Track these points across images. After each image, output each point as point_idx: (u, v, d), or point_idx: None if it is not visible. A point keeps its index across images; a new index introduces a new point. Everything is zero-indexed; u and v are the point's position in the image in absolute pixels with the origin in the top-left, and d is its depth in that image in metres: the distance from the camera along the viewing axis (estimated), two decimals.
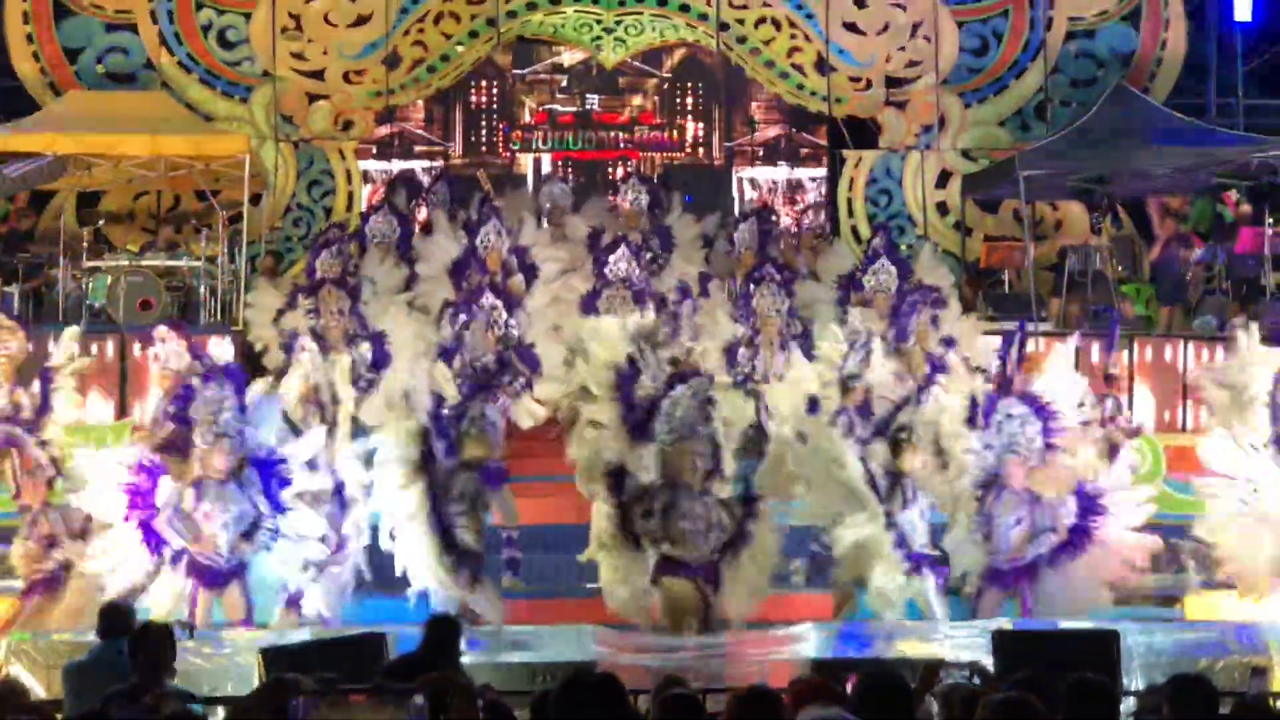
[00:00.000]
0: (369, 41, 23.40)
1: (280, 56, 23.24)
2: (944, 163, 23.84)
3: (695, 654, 12.44)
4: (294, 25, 23.35)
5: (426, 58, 23.58)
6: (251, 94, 23.31)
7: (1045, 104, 23.88)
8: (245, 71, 23.37)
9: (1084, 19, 24.10)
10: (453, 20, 23.60)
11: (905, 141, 23.85)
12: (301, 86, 23.37)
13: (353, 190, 23.51)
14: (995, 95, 24.00)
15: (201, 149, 21.06)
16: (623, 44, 24.14)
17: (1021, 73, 24.00)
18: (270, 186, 22.81)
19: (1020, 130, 23.86)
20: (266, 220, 22.75)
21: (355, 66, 23.42)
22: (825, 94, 23.79)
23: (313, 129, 23.38)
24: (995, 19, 24.06)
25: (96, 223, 21.96)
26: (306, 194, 23.37)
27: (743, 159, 26.57)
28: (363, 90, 23.49)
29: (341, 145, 23.52)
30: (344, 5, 23.40)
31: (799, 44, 23.81)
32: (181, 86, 23.08)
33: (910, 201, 23.77)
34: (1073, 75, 24.09)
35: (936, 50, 23.76)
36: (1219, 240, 22.35)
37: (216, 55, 23.32)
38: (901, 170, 23.87)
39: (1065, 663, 10.04)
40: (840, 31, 23.73)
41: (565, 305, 18.63)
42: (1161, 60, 24.08)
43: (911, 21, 23.86)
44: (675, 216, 20.51)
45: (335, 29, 23.38)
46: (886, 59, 23.84)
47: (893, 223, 23.13)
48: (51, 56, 23.14)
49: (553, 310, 18.62)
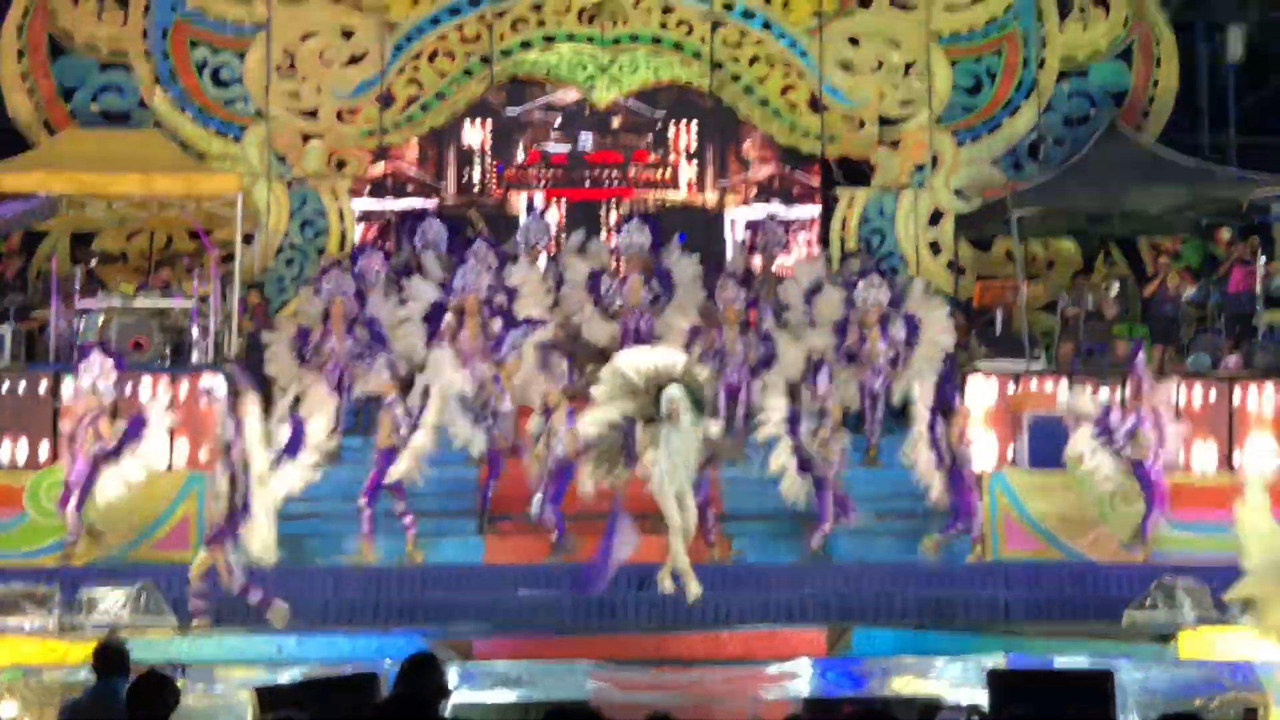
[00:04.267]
0: (363, 80, 23.42)
1: (274, 95, 23.25)
2: (937, 202, 23.85)
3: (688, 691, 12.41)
4: (288, 64, 23.37)
5: (420, 96, 23.61)
6: (245, 133, 23.31)
7: (1038, 143, 23.91)
8: (239, 110, 23.38)
9: (1076, 58, 24.14)
10: (447, 59, 23.63)
11: (898, 180, 23.86)
12: (295, 125, 23.38)
13: (345, 229, 23.50)
14: (988, 134, 24.01)
15: (194, 188, 21.06)
16: (616, 83, 24.19)
17: (1014, 111, 24.02)
18: (263, 226, 22.81)
19: (1013, 169, 23.88)
20: (259, 260, 22.73)
21: (349, 105, 23.43)
22: (818, 133, 23.81)
23: (306, 168, 23.38)
24: (988, 58, 24.09)
25: (89, 262, 21.92)
26: (299, 233, 23.35)
27: (736, 198, 26.59)
28: (356, 129, 23.51)
29: (335, 184, 23.51)
30: (338, 44, 23.43)
31: (792, 83, 23.84)
32: (175, 125, 23.09)
33: (903, 240, 23.78)
34: (1065, 114, 24.11)
35: (930, 89, 23.79)
36: (1211, 279, 22.36)
37: (210, 94, 23.34)
38: (894, 209, 23.88)
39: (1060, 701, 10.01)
40: (833, 71, 23.76)
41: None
42: (1154, 99, 24.12)
43: (904, 61, 23.89)
44: (675, 258, 20.63)
45: (329, 68, 23.40)
46: (880, 98, 23.87)
47: (885, 262, 23.13)
48: (46, 95, 23.16)
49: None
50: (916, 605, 16.41)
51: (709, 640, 14.72)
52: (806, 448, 17.64)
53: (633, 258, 20.44)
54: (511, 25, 23.66)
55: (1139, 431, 18.05)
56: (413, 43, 23.51)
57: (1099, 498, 18.44)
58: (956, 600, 16.48)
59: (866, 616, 16.03)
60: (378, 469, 17.46)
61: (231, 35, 23.42)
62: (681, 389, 15.49)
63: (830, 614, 16.05)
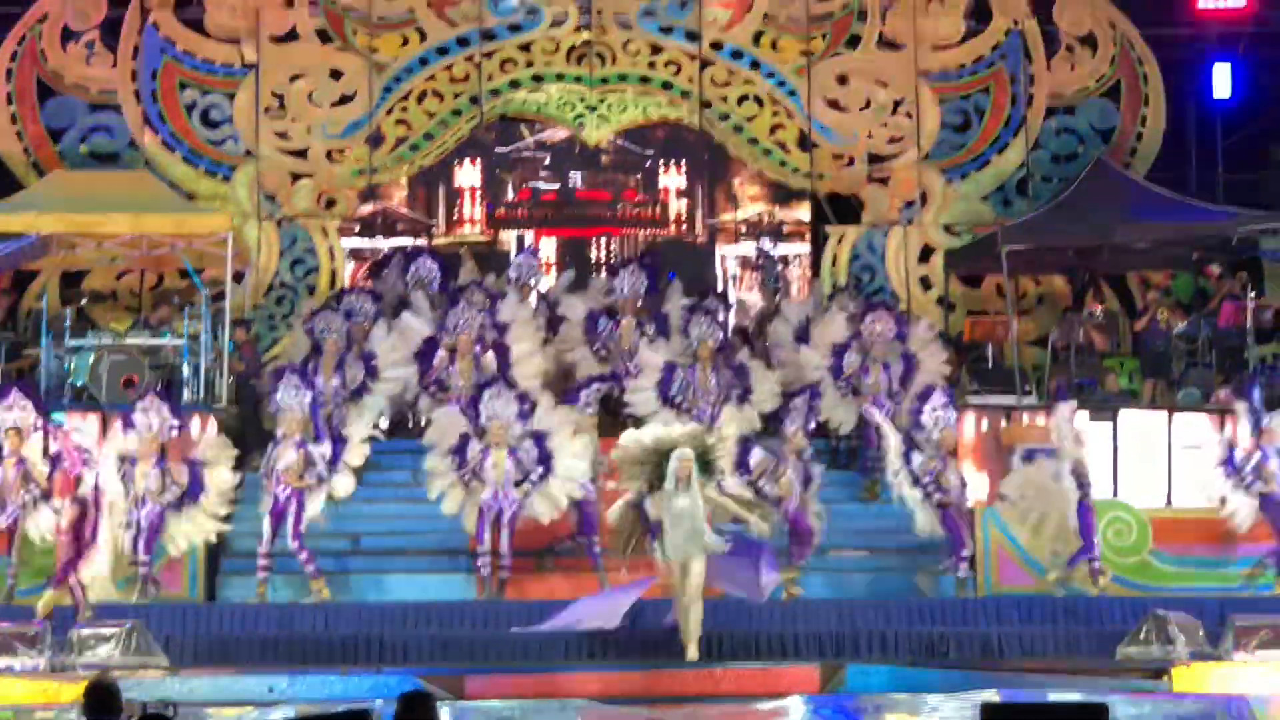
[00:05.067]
0: (352, 120, 23.47)
1: (263, 135, 23.30)
2: (926, 238, 23.92)
3: None
4: (277, 104, 23.42)
5: (409, 136, 23.65)
6: (234, 173, 23.35)
7: (1027, 179, 23.98)
8: (228, 150, 23.42)
9: (1065, 95, 24.23)
10: (436, 99, 23.68)
11: (888, 217, 23.92)
12: (284, 165, 23.42)
13: (335, 268, 23.53)
14: (977, 171, 24.09)
15: (184, 227, 21.07)
16: (605, 122, 24.25)
17: (1003, 148, 24.10)
18: (253, 265, 22.82)
19: (1002, 205, 23.95)
20: (249, 298, 22.74)
21: (338, 145, 23.48)
22: (808, 170, 23.88)
23: (296, 207, 23.42)
24: (977, 95, 24.19)
25: (79, 302, 21.92)
26: (290, 272, 23.37)
27: (725, 236, 26.63)
28: (346, 169, 23.55)
29: (324, 223, 23.54)
30: (327, 84, 23.48)
31: (781, 121, 23.91)
32: (164, 165, 23.12)
33: (893, 277, 23.83)
34: (1054, 151, 24.20)
35: (918, 126, 23.86)
36: (1202, 313, 22.40)
37: (200, 134, 23.38)
38: (884, 246, 23.93)
39: None
40: (822, 109, 23.84)
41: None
42: (1141, 136, 24.22)
43: (893, 98, 23.97)
44: (673, 302, 20.69)
45: (318, 108, 23.44)
46: (869, 135, 23.94)
47: (876, 298, 23.17)
48: (35, 136, 23.20)
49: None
50: (909, 642, 16.37)
51: (702, 677, 14.67)
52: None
53: (629, 302, 20.45)
54: (500, 65, 23.72)
55: (1264, 467, 18.49)
56: (401, 83, 23.58)
57: None
58: (949, 636, 16.44)
59: (860, 653, 15.99)
60: (296, 511, 17.54)
61: (221, 76, 23.47)
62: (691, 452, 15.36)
63: (824, 651, 16.03)
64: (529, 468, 17.80)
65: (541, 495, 17.87)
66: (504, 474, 17.70)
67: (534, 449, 17.86)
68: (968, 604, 17.71)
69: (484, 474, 17.72)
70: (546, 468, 17.84)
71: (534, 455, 17.84)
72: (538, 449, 17.86)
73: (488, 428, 17.87)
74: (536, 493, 17.81)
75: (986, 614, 17.40)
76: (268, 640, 16.43)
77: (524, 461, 17.79)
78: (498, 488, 17.69)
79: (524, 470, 17.77)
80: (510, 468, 17.73)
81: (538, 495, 17.84)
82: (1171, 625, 15.38)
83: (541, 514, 17.93)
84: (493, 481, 17.69)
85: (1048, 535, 18.34)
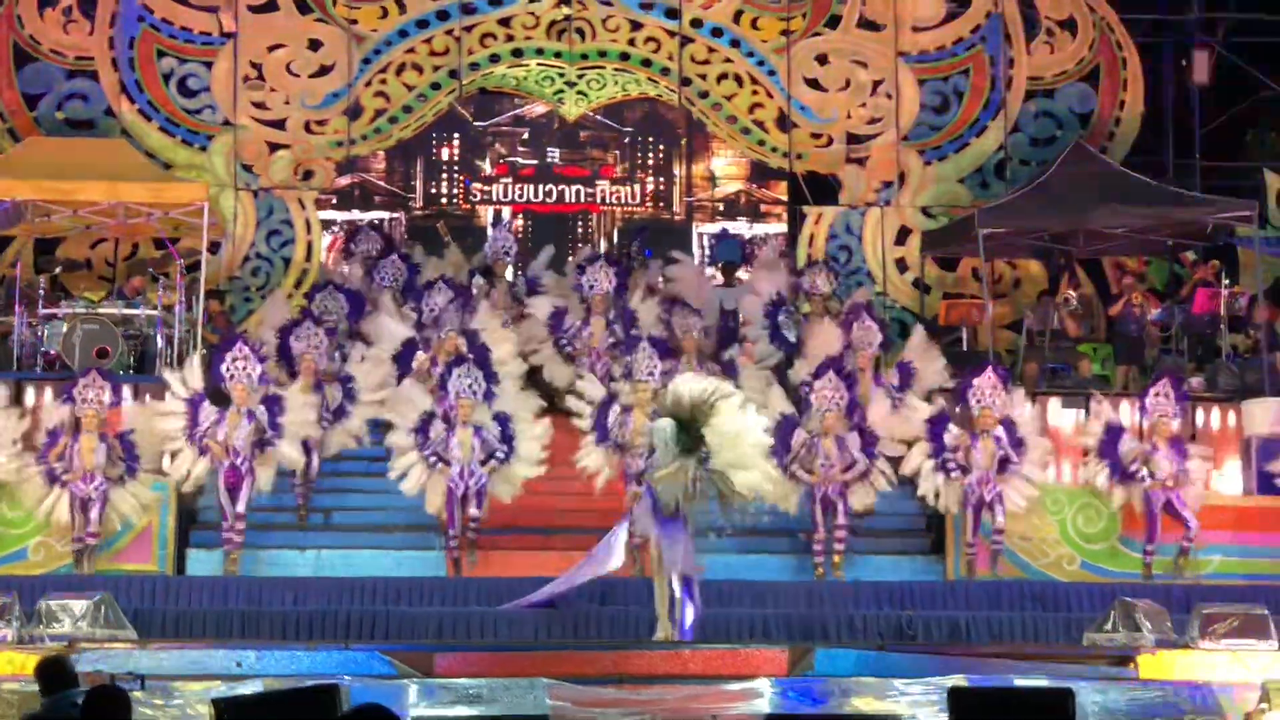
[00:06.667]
0: (331, 91, 23.42)
1: (241, 105, 23.23)
2: (903, 219, 23.93)
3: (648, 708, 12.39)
4: (255, 74, 23.34)
5: (388, 109, 23.60)
6: (211, 142, 23.28)
7: (1005, 162, 24.00)
8: (205, 120, 23.34)
9: (1044, 78, 24.23)
10: (415, 72, 23.63)
11: (865, 198, 23.93)
12: (262, 135, 23.35)
13: (312, 240, 23.47)
14: (955, 153, 24.10)
15: (160, 197, 21.00)
16: (584, 98, 24.24)
17: (981, 131, 24.11)
18: (229, 235, 22.77)
19: (980, 188, 23.97)
20: (225, 269, 22.68)
21: (316, 116, 23.42)
22: (786, 150, 23.87)
23: (273, 178, 23.36)
24: (956, 77, 24.20)
25: (54, 270, 21.83)
26: (266, 243, 23.32)
27: (703, 214, 26.61)
28: (324, 140, 23.49)
29: (301, 195, 23.49)
30: (306, 55, 23.42)
31: (760, 100, 23.91)
32: (141, 134, 23.04)
33: (870, 258, 23.85)
34: (1032, 134, 24.22)
35: (897, 107, 23.88)
36: (1175, 300, 22.46)
37: (177, 103, 23.30)
38: (861, 226, 23.94)
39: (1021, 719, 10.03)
40: (801, 88, 23.83)
41: None
42: (1120, 121, 24.23)
43: (872, 79, 23.98)
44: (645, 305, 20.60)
45: (297, 79, 23.38)
46: (847, 115, 23.94)
47: (852, 279, 23.21)
48: (10, 102, 23.09)
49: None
50: (878, 625, 16.42)
51: (670, 657, 14.67)
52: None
53: (597, 300, 20.30)
54: (480, 39, 23.68)
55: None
56: (381, 55, 23.54)
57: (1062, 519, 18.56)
58: (918, 620, 16.49)
59: (828, 637, 16.04)
60: (249, 481, 17.75)
61: (199, 45, 23.38)
62: (673, 425, 15.25)
63: (792, 634, 16.07)
64: (493, 446, 17.77)
65: (503, 475, 17.86)
66: (470, 452, 17.66)
67: (498, 428, 17.85)
68: (936, 588, 17.77)
69: (449, 453, 17.69)
70: (510, 448, 17.83)
71: (498, 434, 17.82)
72: (501, 429, 17.85)
73: (455, 405, 17.80)
74: (499, 473, 17.79)
75: (955, 599, 17.46)
76: (236, 615, 16.45)
77: (489, 441, 17.76)
78: (464, 466, 17.65)
79: (489, 449, 17.75)
80: (476, 446, 17.70)
81: (500, 475, 17.81)
82: (1138, 612, 15.43)
83: (502, 494, 17.92)
84: (459, 460, 17.66)
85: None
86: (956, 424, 18.32)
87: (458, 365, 18.04)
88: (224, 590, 17.14)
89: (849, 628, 16.31)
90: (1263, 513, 19.05)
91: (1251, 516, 19.04)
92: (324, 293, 20.57)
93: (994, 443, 18.04)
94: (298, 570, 18.03)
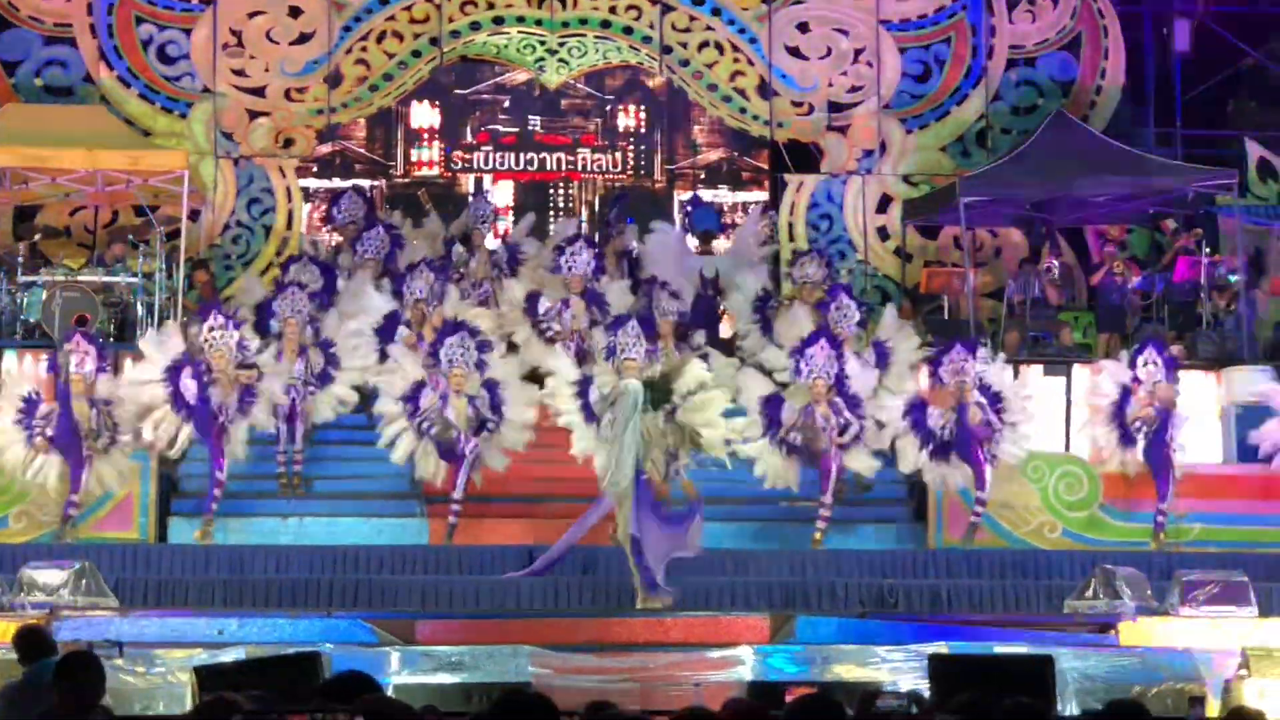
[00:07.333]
0: (311, 59, 23.33)
1: (221, 72, 23.13)
2: (885, 188, 23.91)
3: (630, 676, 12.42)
4: (235, 41, 23.25)
5: (369, 76, 23.52)
6: (191, 110, 23.18)
7: (986, 130, 23.99)
8: (185, 87, 23.24)
9: (1025, 47, 24.22)
10: (395, 39, 23.55)
11: (846, 166, 23.91)
12: (242, 103, 23.26)
13: (293, 208, 23.39)
14: (936, 121, 24.08)
15: (140, 164, 20.90)
16: (565, 66, 24.16)
17: (963, 99, 24.09)
18: (209, 203, 22.70)
19: (961, 156, 23.95)
20: (205, 237, 22.61)
21: (297, 84, 23.33)
22: (767, 118, 23.84)
23: (253, 146, 23.28)
24: (937, 45, 24.16)
25: (33, 237, 21.73)
26: (246, 211, 23.24)
27: (684, 182, 26.56)
28: (304, 108, 23.40)
29: (282, 163, 23.41)
30: (286, 22, 23.31)
31: (741, 68, 23.86)
32: (120, 101, 22.93)
33: (851, 226, 23.83)
34: (1013, 103, 24.20)
35: (878, 76, 23.85)
36: (1156, 268, 22.49)
37: (156, 70, 23.18)
38: (842, 195, 23.93)
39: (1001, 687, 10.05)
40: (783, 56, 23.79)
41: None
42: (1101, 89, 24.22)
43: (854, 47, 23.95)
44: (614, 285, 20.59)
45: (277, 46, 23.28)
46: (829, 84, 23.91)
47: (833, 247, 23.20)
48: None
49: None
50: (859, 593, 16.46)
51: (652, 625, 14.73)
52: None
53: (575, 280, 20.18)
54: (460, 7, 23.60)
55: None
56: (361, 23, 23.45)
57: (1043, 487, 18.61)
58: (899, 588, 16.53)
59: (809, 605, 16.07)
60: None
61: (178, 11, 23.28)
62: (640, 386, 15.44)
63: (774, 601, 16.10)
64: (485, 414, 17.76)
65: (495, 443, 17.84)
66: (465, 420, 17.65)
67: (488, 396, 17.83)
68: (917, 556, 17.80)
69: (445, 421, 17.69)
70: (500, 415, 17.82)
71: (489, 402, 17.81)
72: (490, 396, 17.83)
73: (447, 374, 17.75)
74: (490, 441, 17.78)
75: (936, 566, 17.49)
76: (218, 583, 16.45)
77: (480, 409, 17.75)
78: (461, 433, 17.64)
79: (480, 418, 17.73)
80: (470, 414, 17.68)
81: (492, 443, 17.80)
82: (1119, 580, 15.49)
83: (496, 463, 17.91)
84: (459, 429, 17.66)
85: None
86: (935, 403, 18.32)
87: (451, 334, 17.95)
88: (205, 558, 17.14)
89: (830, 596, 16.35)
90: (1243, 480, 19.10)
91: (1232, 484, 19.08)
92: (298, 264, 20.43)
93: (978, 410, 18.04)
94: (279, 539, 18.01)
